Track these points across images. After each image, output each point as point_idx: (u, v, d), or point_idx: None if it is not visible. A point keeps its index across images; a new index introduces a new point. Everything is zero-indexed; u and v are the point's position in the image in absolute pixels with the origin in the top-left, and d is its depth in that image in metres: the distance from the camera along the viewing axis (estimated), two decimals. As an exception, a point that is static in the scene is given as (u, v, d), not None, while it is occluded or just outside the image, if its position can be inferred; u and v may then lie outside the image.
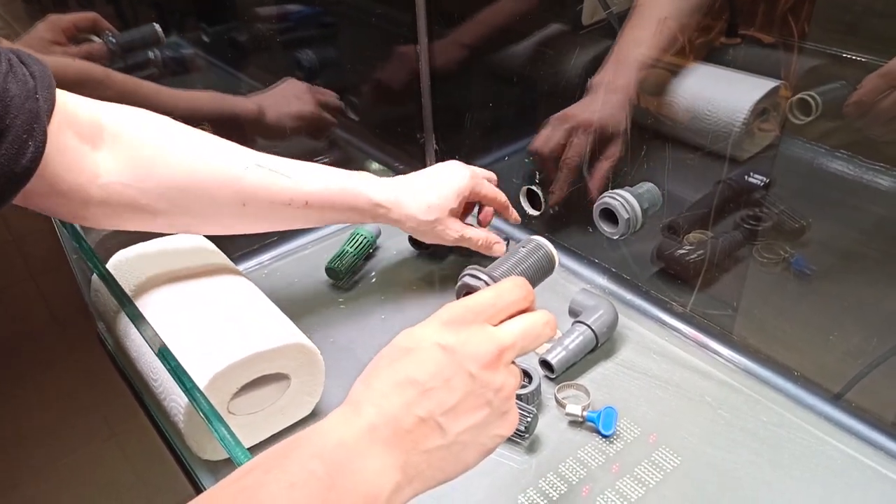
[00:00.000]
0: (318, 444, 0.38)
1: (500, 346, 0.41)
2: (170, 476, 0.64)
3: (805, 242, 0.67)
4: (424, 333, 0.41)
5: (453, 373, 0.40)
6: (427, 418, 0.39)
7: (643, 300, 0.78)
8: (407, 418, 0.39)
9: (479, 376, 0.40)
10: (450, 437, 0.40)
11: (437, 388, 0.39)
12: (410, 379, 0.39)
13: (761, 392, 0.67)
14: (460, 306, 0.42)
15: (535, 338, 0.43)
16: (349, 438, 0.38)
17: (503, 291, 0.44)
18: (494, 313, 0.43)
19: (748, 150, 0.69)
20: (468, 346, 0.40)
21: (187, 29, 0.81)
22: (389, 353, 0.41)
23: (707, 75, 0.71)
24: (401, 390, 0.39)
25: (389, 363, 0.41)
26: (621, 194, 0.73)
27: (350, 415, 0.39)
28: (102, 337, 0.75)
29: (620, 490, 0.57)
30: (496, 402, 0.41)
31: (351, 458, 0.37)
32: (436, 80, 0.94)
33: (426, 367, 0.40)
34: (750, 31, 0.67)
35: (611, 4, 0.74)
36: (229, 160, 0.61)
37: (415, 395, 0.39)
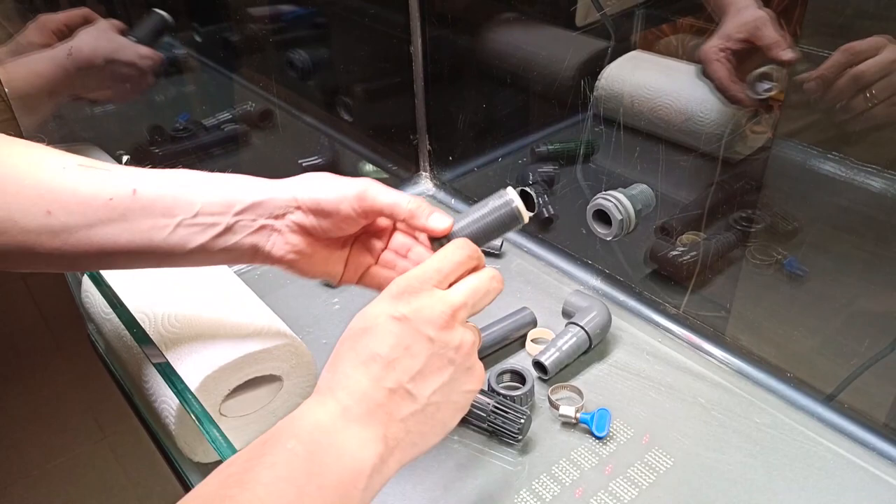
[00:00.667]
0: (294, 428, 0.39)
1: (451, 306, 0.43)
2: (161, 478, 0.64)
3: (797, 244, 0.67)
4: (377, 310, 0.43)
5: (412, 340, 0.41)
6: (396, 388, 0.41)
7: (636, 301, 0.78)
8: (377, 392, 0.40)
9: (437, 338, 0.42)
10: (421, 401, 0.41)
11: (400, 358, 0.41)
12: (373, 354, 0.41)
13: (754, 393, 0.67)
14: (407, 277, 0.44)
15: (484, 294, 0.45)
16: (324, 420, 0.39)
17: (447, 255, 0.45)
18: (441, 278, 0.44)
19: (741, 151, 0.69)
20: (422, 312, 0.42)
21: (180, 29, 0.80)
22: (349, 337, 0.43)
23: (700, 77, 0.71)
24: (365, 367, 0.41)
25: (351, 346, 0.42)
26: (614, 195, 0.73)
27: (322, 400, 0.40)
28: (93, 338, 0.74)
29: (613, 491, 0.57)
30: (458, 359, 0.43)
31: (329, 437, 0.38)
32: (429, 81, 0.94)
33: (385, 340, 0.41)
34: (743, 34, 0.67)
35: (604, 6, 0.74)
36: (39, 163, 0.47)
37: (379, 368, 0.41)
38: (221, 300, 0.63)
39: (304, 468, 0.37)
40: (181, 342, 0.57)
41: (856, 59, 0.55)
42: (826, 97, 0.58)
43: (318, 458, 0.37)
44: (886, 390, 0.61)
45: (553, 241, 0.86)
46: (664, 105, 0.72)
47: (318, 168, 0.92)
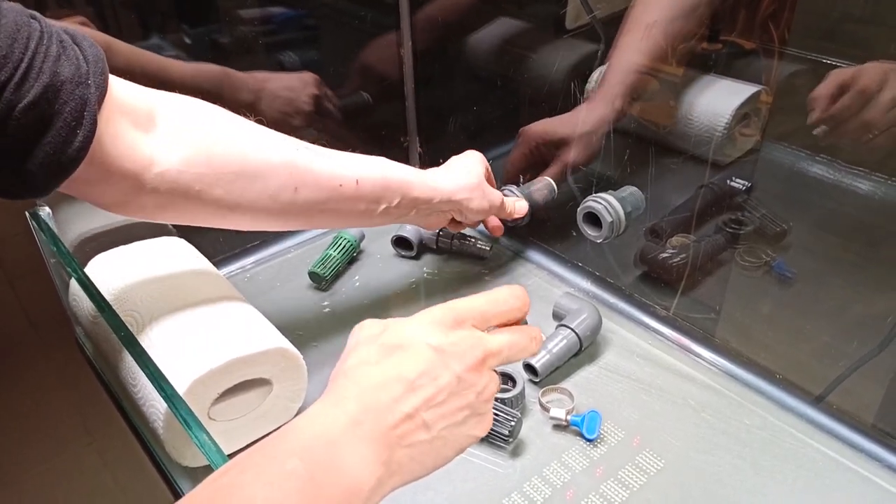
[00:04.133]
0: (297, 441, 0.38)
1: (486, 351, 0.43)
2: (149, 482, 0.63)
3: (786, 246, 0.67)
4: (416, 332, 0.42)
5: (440, 372, 0.41)
6: (413, 414, 0.40)
7: (626, 304, 0.78)
8: (393, 414, 0.39)
9: (464, 378, 0.42)
10: (433, 432, 0.41)
11: (425, 386, 0.40)
12: (399, 376, 0.40)
13: (743, 395, 0.67)
14: (453, 308, 0.44)
15: (519, 350, 0.46)
16: (331, 433, 0.38)
17: (498, 299, 0.46)
18: (484, 320, 0.45)
19: (730, 154, 0.70)
20: (457, 347, 0.42)
21: (169, 31, 0.80)
22: (377, 350, 0.42)
23: (689, 80, 0.71)
24: (389, 386, 0.40)
25: (377, 359, 0.41)
26: (604, 198, 0.73)
27: (331, 409, 0.39)
28: (81, 342, 0.74)
29: (604, 493, 0.57)
30: (476, 404, 0.43)
31: (332, 452, 0.37)
32: (420, 83, 0.94)
33: (415, 365, 0.41)
34: (731, 38, 0.68)
35: (594, 8, 0.75)
36: (280, 144, 0.60)
37: (402, 391, 0.40)
38: (210, 303, 0.63)
39: (302, 490, 0.36)
40: (169, 346, 0.57)
41: (862, 98, 0.55)
42: (826, 122, 0.58)
43: (318, 479, 0.36)
44: (874, 392, 0.62)
45: (543, 243, 0.86)
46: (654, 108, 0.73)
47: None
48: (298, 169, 0.60)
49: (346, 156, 0.64)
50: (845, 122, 0.57)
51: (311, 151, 0.61)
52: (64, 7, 0.73)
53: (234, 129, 0.58)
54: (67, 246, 0.64)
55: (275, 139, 0.60)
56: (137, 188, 0.52)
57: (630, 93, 0.72)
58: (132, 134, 0.51)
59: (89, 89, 0.46)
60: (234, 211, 0.58)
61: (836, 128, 0.57)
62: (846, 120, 0.57)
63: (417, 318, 0.43)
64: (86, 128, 0.46)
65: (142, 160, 0.52)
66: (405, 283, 0.83)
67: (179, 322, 0.59)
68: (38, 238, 0.68)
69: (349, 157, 0.64)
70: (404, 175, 0.67)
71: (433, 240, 0.85)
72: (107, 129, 0.48)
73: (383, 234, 0.89)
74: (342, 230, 0.86)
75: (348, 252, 0.84)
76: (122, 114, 0.50)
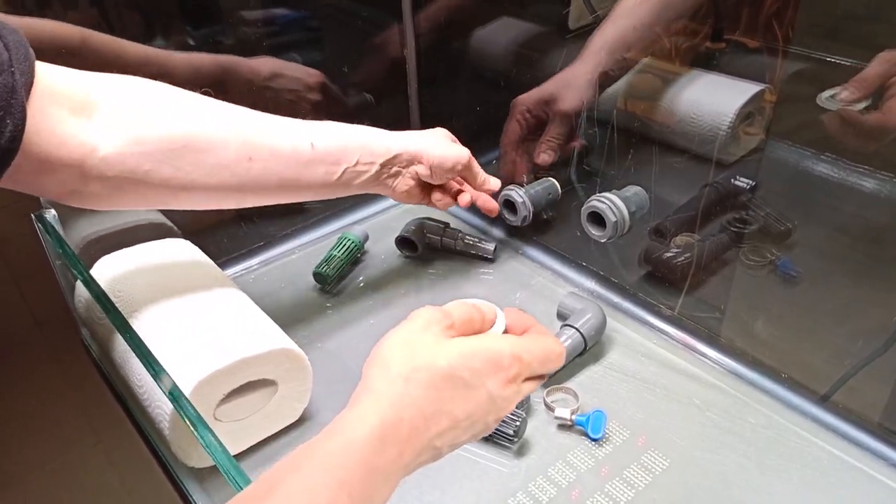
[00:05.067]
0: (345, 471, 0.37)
1: (512, 405, 0.46)
2: (155, 483, 0.63)
3: (791, 245, 0.67)
4: (484, 374, 0.43)
5: (480, 418, 0.43)
6: (440, 448, 0.42)
7: (631, 303, 0.78)
8: (423, 444, 0.41)
9: (489, 426, 0.45)
10: (442, 453, 0.43)
11: (463, 428, 0.43)
12: (452, 414, 0.42)
13: (748, 394, 0.67)
14: (517, 361, 0.44)
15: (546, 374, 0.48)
16: (377, 464, 0.39)
17: (548, 363, 0.47)
18: (530, 374, 0.46)
19: (734, 153, 0.69)
20: (503, 402, 0.44)
21: (172, 33, 0.80)
22: (447, 380, 0.42)
23: (693, 79, 0.71)
24: (439, 420, 0.41)
25: (442, 389, 0.41)
26: (609, 197, 0.73)
27: (375, 435, 0.39)
28: (86, 343, 0.74)
29: (610, 493, 0.57)
30: (490, 426, 0.45)
31: (375, 488, 0.39)
32: (423, 83, 0.94)
33: (468, 408, 0.42)
34: (735, 36, 0.68)
35: (597, 9, 0.75)
36: (230, 114, 0.59)
37: (446, 426, 0.42)
38: (216, 304, 0.63)
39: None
40: (175, 347, 0.57)
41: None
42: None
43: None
44: (880, 390, 0.62)
45: (547, 243, 0.86)
46: (657, 107, 0.72)
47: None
48: (250, 138, 0.58)
49: (299, 121, 0.63)
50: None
51: (262, 119, 0.60)
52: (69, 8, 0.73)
53: (177, 104, 0.56)
54: (73, 248, 0.64)
55: (223, 109, 0.59)
56: (83, 176, 0.52)
57: (616, 48, 0.72)
58: (70, 121, 0.50)
59: (13, 77, 0.44)
60: (188, 189, 0.57)
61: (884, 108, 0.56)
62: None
63: (493, 353, 0.44)
64: (14, 118, 0.44)
65: (83, 147, 0.51)
66: (409, 283, 0.83)
67: (185, 323, 0.60)
68: (44, 240, 0.68)
69: (302, 122, 0.63)
70: (361, 133, 0.66)
71: (437, 240, 0.85)
72: (41, 118, 0.47)
73: (387, 235, 0.89)
74: (346, 231, 0.86)
75: (352, 253, 0.84)
76: (56, 101, 0.49)
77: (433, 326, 0.43)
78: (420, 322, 0.44)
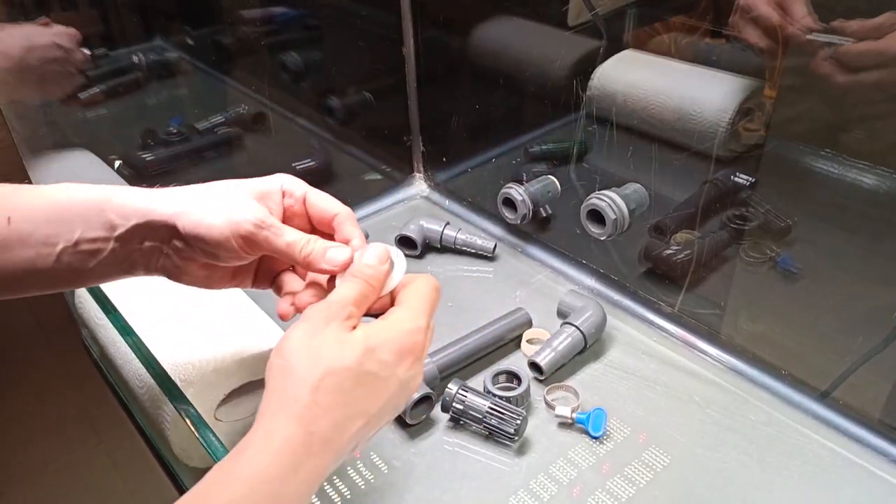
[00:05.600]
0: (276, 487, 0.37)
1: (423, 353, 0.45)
2: (157, 483, 0.63)
3: (791, 241, 0.67)
4: (393, 364, 0.42)
5: (396, 404, 0.44)
6: (359, 443, 0.42)
7: (631, 301, 0.78)
8: (344, 444, 0.40)
9: (402, 406, 0.45)
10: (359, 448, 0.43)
11: (379, 418, 0.43)
12: (366, 412, 0.41)
13: (749, 391, 0.67)
14: (421, 340, 0.44)
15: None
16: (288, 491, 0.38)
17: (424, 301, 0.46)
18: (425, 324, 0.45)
19: (734, 149, 0.69)
20: (413, 381, 0.44)
21: (171, 32, 0.80)
22: (356, 380, 0.41)
23: (692, 75, 0.71)
24: (353, 421, 0.41)
25: (351, 390, 0.40)
26: (608, 195, 0.73)
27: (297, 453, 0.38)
28: (87, 344, 0.74)
29: (611, 490, 0.58)
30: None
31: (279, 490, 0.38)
32: (422, 82, 0.94)
33: (382, 400, 0.42)
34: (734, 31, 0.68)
35: (596, 5, 0.74)
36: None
37: (364, 426, 0.41)
38: (215, 304, 0.63)
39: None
40: (175, 347, 0.57)
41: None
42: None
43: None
44: (881, 386, 0.62)
45: (547, 241, 0.86)
46: (657, 104, 0.72)
47: (311, 171, 0.92)
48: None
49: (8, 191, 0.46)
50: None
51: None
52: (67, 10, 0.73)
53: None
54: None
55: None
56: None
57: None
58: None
59: None
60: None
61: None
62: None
63: (399, 339, 0.43)
64: None
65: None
66: (410, 282, 0.83)
67: (185, 324, 0.60)
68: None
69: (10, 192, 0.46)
70: (94, 196, 0.46)
71: (437, 239, 0.85)
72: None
73: (387, 234, 0.89)
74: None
75: (352, 251, 0.84)
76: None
77: (332, 322, 0.41)
78: (318, 319, 0.42)
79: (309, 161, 0.92)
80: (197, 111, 0.86)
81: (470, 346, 0.69)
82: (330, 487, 0.58)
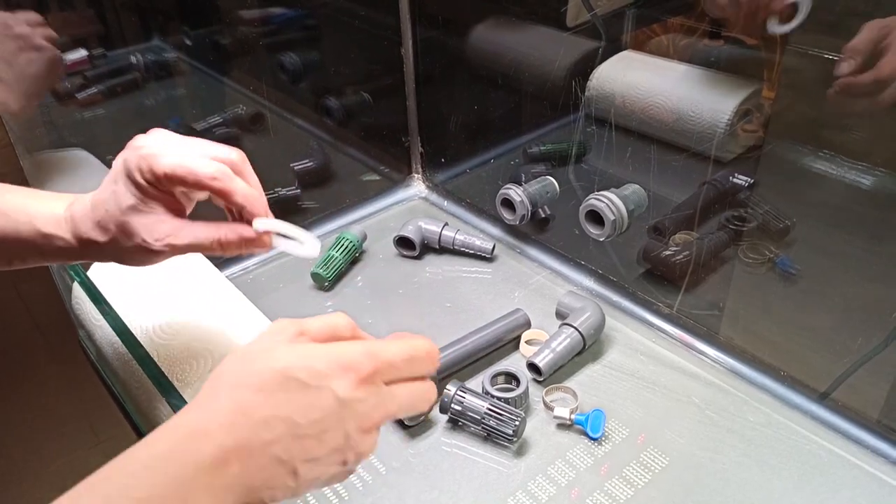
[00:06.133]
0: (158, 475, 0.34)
1: (385, 414, 0.40)
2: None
3: (790, 242, 0.67)
4: (327, 376, 0.38)
5: (333, 428, 0.38)
6: (287, 461, 0.37)
7: (630, 301, 0.78)
8: (265, 457, 0.36)
9: (352, 438, 0.39)
10: (300, 483, 0.38)
11: (311, 437, 0.37)
12: (288, 417, 0.37)
13: (748, 392, 0.67)
14: (373, 356, 0.40)
15: (410, 407, 0.42)
16: (187, 473, 0.34)
17: (415, 361, 0.42)
18: (396, 373, 0.41)
19: (732, 150, 0.69)
20: (360, 406, 0.39)
21: (169, 32, 0.80)
22: (280, 380, 0.37)
23: (691, 76, 0.71)
24: (272, 425, 0.36)
25: (274, 390, 0.37)
26: (607, 196, 0.73)
27: (202, 437, 0.35)
28: (84, 345, 0.74)
29: (609, 491, 0.57)
30: (352, 465, 0.40)
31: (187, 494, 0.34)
32: (420, 82, 0.94)
33: (312, 414, 0.37)
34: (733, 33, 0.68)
35: (595, 6, 0.74)
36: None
37: (285, 432, 0.37)
38: (213, 305, 0.63)
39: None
40: (172, 348, 0.57)
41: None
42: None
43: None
44: (879, 387, 0.62)
45: (546, 242, 0.86)
46: (655, 105, 0.72)
47: (309, 172, 0.92)
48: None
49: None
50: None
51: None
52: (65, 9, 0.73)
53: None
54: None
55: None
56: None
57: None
58: None
59: None
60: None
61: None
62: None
63: (339, 352, 0.39)
64: None
65: None
66: (407, 283, 0.83)
67: (181, 324, 0.59)
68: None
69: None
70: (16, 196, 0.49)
71: (435, 240, 0.85)
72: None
73: (385, 235, 0.89)
74: (344, 231, 0.86)
75: (350, 252, 0.84)
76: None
77: (279, 335, 0.40)
78: (267, 333, 0.40)
79: (307, 162, 0.92)
80: (195, 111, 0.86)
81: (468, 347, 0.69)
82: (327, 488, 0.58)
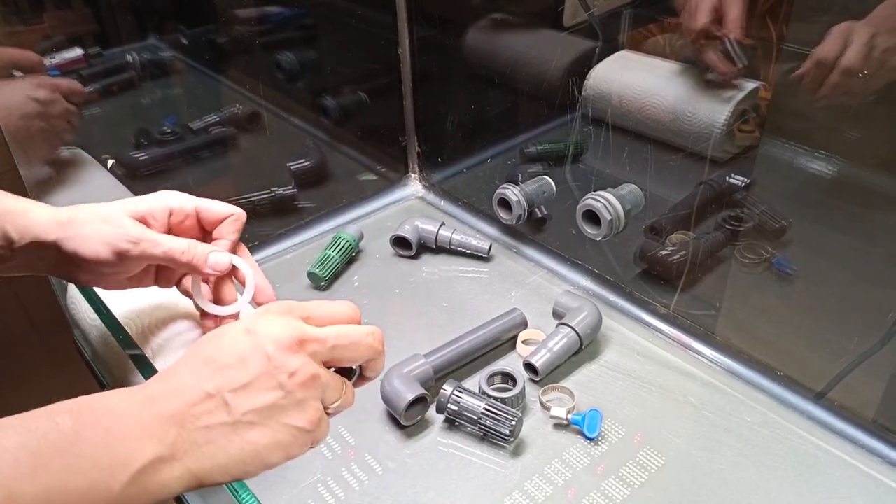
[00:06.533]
0: (83, 401, 0.37)
1: (303, 333, 0.41)
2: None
3: (786, 242, 0.67)
4: (237, 323, 0.42)
5: (250, 353, 0.40)
6: (215, 393, 0.39)
7: (626, 301, 0.78)
8: (193, 392, 0.38)
9: (274, 357, 0.40)
10: (235, 414, 0.39)
11: (232, 366, 0.39)
12: (207, 358, 0.40)
13: (744, 392, 0.67)
14: (277, 303, 0.44)
15: (350, 343, 0.43)
16: (119, 404, 0.38)
17: (325, 303, 0.44)
18: (307, 315, 0.43)
19: (729, 150, 0.69)
20: (271, 328, 0.41)
21: (166, 31, 0.80)
22: (197, 343, 0.42)
23: (687, 76, 0.71)
24: (194, 367, 0.40)
25: (192, 350, 0.41)
26: (604, 196, 0.73)
27: (135, 389, 0.39)
28: (79, 345, 0.74)
29: (606, 491, 0.57)
30: (290, 387, 0.40)
31: (110, 419, 0.37)
32: (417, 82, 0.94)
33: (224, 347, 0.40)
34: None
35: (591, 6, 0.74)
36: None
37: (208, 371, 0.39)
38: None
39: (61, 444, 0.35)
40: (168, 348, 0.57)
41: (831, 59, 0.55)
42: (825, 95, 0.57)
43: (84, 438, 0.35)
44: (875, 387, 0.62)
45: (543, 241, 0.86)
46: (652, 105, 0.72)
47: (305, 171, 0.92)
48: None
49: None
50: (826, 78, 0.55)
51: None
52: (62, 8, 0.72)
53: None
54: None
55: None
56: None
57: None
58: None
59: None
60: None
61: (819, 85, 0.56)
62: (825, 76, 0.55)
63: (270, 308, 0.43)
64: None
65: None
66: (404, 282, 0.83)
67: (177, 325, 0.59)
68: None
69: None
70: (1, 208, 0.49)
71: (432, 240, 0.85)
72: None
73: (382, 234, 0.89)
74: (341, 231, 0.85)
75: (347, 252, 0.84)
76: None
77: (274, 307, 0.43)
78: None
79: (303, 161, 0.92)
80: (191, 110, 0.86)
81: (465, 347, 0.69)
82: (324, 489, 0.58)
